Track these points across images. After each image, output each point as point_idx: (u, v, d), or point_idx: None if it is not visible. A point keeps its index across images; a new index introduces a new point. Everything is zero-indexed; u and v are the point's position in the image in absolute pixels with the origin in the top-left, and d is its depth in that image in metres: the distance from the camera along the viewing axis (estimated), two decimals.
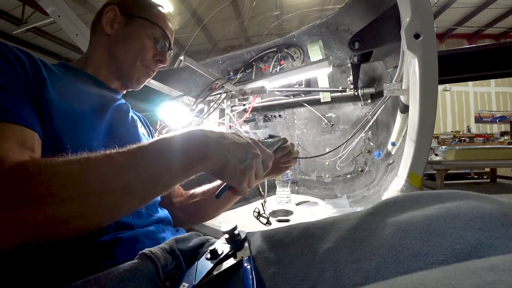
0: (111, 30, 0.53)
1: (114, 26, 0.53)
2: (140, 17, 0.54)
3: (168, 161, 0.33)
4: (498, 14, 5.53)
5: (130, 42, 0.54)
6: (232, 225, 0.41)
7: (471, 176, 3.66)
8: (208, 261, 0.37)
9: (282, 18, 3.37)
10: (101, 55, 0.54)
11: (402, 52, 0.73)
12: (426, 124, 0.65)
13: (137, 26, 0.54)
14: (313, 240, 0.34)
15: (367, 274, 0.26)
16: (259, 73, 1.52)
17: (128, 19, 0.54)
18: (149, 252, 0.34)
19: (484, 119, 6.91)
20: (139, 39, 0.54)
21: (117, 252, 0.35)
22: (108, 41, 0.54)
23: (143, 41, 0.54)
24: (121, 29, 0.54)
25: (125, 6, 0.55)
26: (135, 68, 0.55)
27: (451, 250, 0.22)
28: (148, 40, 0.55)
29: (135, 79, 0.57)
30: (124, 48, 0.54)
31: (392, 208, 0.30)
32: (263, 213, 0.91)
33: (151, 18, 0.55)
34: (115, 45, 0.54)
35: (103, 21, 0.53)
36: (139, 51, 0.54)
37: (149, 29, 0.55)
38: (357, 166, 1.38)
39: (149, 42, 0.55)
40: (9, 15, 4.52)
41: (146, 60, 0.56)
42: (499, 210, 0.24)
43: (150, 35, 0.55)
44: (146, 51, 0.55)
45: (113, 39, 0.54)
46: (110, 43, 0.54)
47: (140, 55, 0.55)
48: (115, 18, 0.54)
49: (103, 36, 0.54)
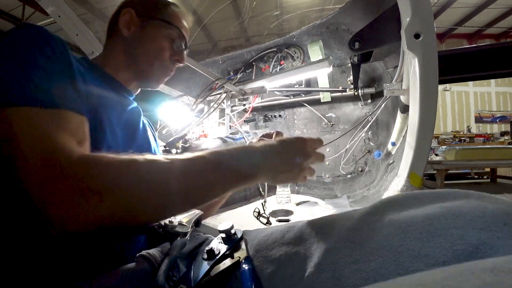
0: (128, 32, 0.54)
1: (131, 29, 0.54)
2: (156, 18, 0.55)
3: (222, 175, 0.35)
4: (498, 14, 5.52)
5: (147, 44, 0.54)
6: (229, 224, 0.41)
7: (471, 176, 3.65)
8: (205, 261, 0.37)
9: (282, 18, 3.36)
10: (120, 56, 0.54)
11: (402, 52, 0.73)
12: (426, 124, 0.65)
13: (153, 27, 0.55)
14: (312, 240, 0.33)
15: (366, 275, 0.26)
16: (259, 73, 1.52)
17: (144, 20, 0.55)
18: (147, 254, 0.34)
19: (484, 119, 6.90)
20: (156, 40, 0.55)
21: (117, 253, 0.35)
22: (126, 43, 0.54)
23: (160, 42, 0.55)
24: (138, 30, 0.54)
25: (141, 8, 0.55)
26: (153, 68, 0.56)
27: (452, 251, 0.22)
28: (165, 41, 0.55)
29: (155, 79, 0.58)
30: (142, 50, 0.54)
31: (392, 207, 0.30)
32: (263, 213, 0.90)
33: (166, 19, 0.56)
34: (133, 46, 0.54)
35: (120, 24, 0.54)
36: (157, 52, 0.55)
37: (165, 30, 0.55)
38: (357, 166, 1.38)
39: (166, 43, 0.56)
40: (9, 15, 4.52)
41: (164, 60, 0.56)
42: (501, 209, 0.23)
43: (166, 35, 0.55)
44: (163, 51, 0.56)
45: (130, 41, 0.54)
46: (128, 45, 0.54)
47: (158, 55, 0.55)
48: (132, 21, 0.54)
49: (120, 38, 0.54)
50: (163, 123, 1.24)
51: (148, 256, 0.34)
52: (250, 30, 4.06)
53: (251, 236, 0.41)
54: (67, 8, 0.98)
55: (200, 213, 0.45)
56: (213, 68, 1.60)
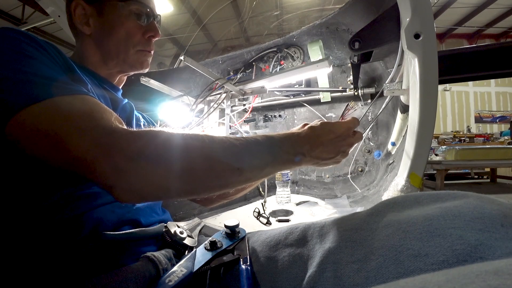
0: (89, 29, 0.49)
1: (90, 23, 0.49)
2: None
3: (273, 157, 0.38)
4: (498, 14, 5.52)
5: (113, 33, 0.49)
6: (235, 221, 0.42)
7: (471, 176, 3.65)
8: (207, 251, 0.37)
9: (282, 18, 3.36)
10: (93, 54, 0.51)
11: (401, 52, 0.73)
12: (426, 124, 0.65)
13: (110, 11, 0.49)
14: (314, 241, 0.34)
15: (367, 274, 0.26)
16: (259, 73, 1.52)
17: (98, 7, 0.49)
18: (151, 255, 0.34)
19: (484, 119, 6.90)
20: (120, 25, 0.49)
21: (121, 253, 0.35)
22: (93, 40, 0.50)
23: (125, 25, 0.50)
24: (98, 21, 0.49)
25: None
26: (131, 56, 0.52)
27: (451, 251, 0.22)
28: (129, 21, 0.50)
29: (138, 64, 0.54)
30: (111, 42, 0.50)
31: (392, 208, 0.30)
32: (263, 213, 0.91)
33: None
34: (101, 41, 0.50)
35: (76, 23, 0.49)
36: (126, 38, 0.50)
37: (124, 8, 0.49)
38: (357, 166, 1.38)
39: (131, 22, 0.50)
40: (9, 15, 4.51)
41: (138, 44, 0.52)
42: (499, 211, 0.24)
43: (128, 14, 0.50)
44: (133, 34, 0.51)
45: (96, 36, 0.50)
46: (95, 41, 0.50)
47: (129, 42, 0.51)
48: (86, 12, 0.49)
49: (85, 37, 0.50)
50: (163, 123, 1.24)
51: (153, 257, 0.34)
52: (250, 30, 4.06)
53: (254, 238, 0.42)
54: None
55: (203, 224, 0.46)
56: (213, 68, 1.61)
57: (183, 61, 0.88)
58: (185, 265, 0.34)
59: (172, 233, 0.41)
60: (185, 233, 0.42)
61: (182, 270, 0.33)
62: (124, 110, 0.51)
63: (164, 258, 0.36)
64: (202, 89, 1.17)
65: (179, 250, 0.41)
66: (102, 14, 0.49)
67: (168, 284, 0.31)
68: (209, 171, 0.32)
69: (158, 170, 0.29)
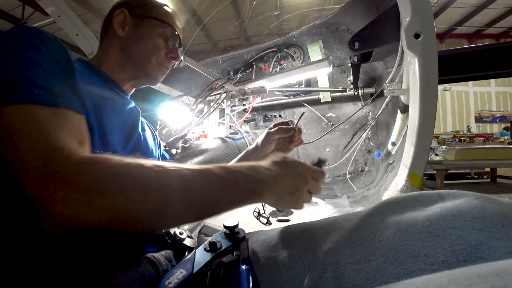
0: (122, 32, 0.54)
1: (125, 29, 0.54)
2: (150, 17, 0.55)
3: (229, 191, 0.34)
4: (498, 14, 5.52)
5: (142, 43, 0.55)
6: (234, 222, 0.42)
7: (471, 176, 3.65)
8: (207, 252, 0.37)
9: (282, 18, 3.36)
10: (116, 56, 0.55)
11: (401, 52, 0.73)
12: (426, 124, 0.65)
13: (147, 27, 0.55)
14: (314, 241, 0.34)
15: (367, 274, 0.26)
16: (259, 73, 1.52)
17: (138, 20, 0.55)
18: (151, 256, 0.34)
19: (484, 119, 6.90)
20: (151, 39, 0.55)
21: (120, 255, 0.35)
22: (121, 43, 0.55)
23: (155, 41, 0.55)
24: (133, 30, 0.55)
25: (134, 8, 0.56)
26: (150, 66, 0.56)
27: (451, 251, 0.22)
28: (160, 39, 0.56)
29: (152, 76, 0.59)
30: (137, 49, 0.55)
31: (392, 208, 0.30)
32: (263, 213, 0.91)
33: (160, 17, 0.56)
34: (128, 46, 0.55)
35: (114, 24, 0.54)
36: (152, 50, 0.55)
37: (159, 29, 0.56)
38: (357, 166, 1.38)
39: (161, 41, 0.56)
40: (9, 15, 4.51)
41: (160, 58, 0.57)
42: (499, 211, 0.24)
43: (161, 34, 0.56)
44: (158, 49, 0.56)
45: (126, 41, 0.54)
46: (123, 45, 0.55)
47: (154, 54, 0.56)
48: (125, 21, 0.54)
49: (115, 38, 0.55)
50: (163, 123, 1.24)
51: (153, 259, 0.34)
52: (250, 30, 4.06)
53: (253, 238, 0.42)
54: (67, 8, 0.98)
55: (203, 224, 0.45)
56: (213, 68, 1.61)
57: (183, 61, 0.88)
58: (185, 266, 0.34)
59: (172, 234, 0.40)
60: (184, 234, 0.42)
61: (182, 272, 0.33)
62: (130, 113, 0.53)
63: (164, 259, 0.36)
64: (202, 89, 1.17)
65: (179, 251, 0.41)
66: (139, 27, 0.55)
67: (168, 286, 0.30)
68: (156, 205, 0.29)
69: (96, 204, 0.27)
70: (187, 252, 0.40)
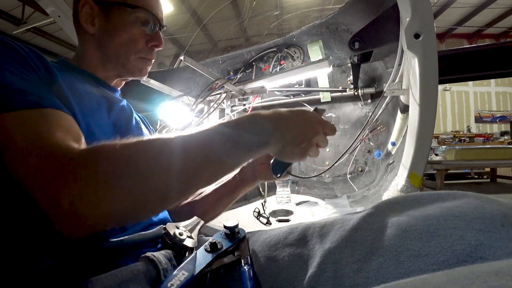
0: (93, 28, 0.48)
1: (95, 23, 0.48)
2: (117, 2, 0.48)
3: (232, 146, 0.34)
4: (498, 14, 5.52)
5: (116, 36, 0.49)
6: (234, 222, 0.42)
7: (471, 176, 3.65)
8: (208, 253, 0.37)
9: (282, 18, 3.36)
10: (93, 55, 0.50)
11: (401, 52, 0.73)
12: (426, 124, 0.65)
13: (118, 15, 0.48)
14: (314, 240, 0.34)
15: (367, 274, 0.26)
16: (259, 73, 1.52)
17: (105, 9, 0.48)
18: (151, 255, 0.34)
19: (484, 119, 6.91)
20: (124, 31, 0.49)
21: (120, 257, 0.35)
22: (95, 40, 0.49)
23: (129, 31, 0.49)
24: (103, 23, 0.49)
25: None
26: (130, 63, 0.51)
27: (451, 251, 0.22)
28: (134, 28, 0.49)
29: (137, 73, 0.54)
30: (113, 45, 0.49)
31: (392, 208, 0.30)
32: (263, 213, 0.91)
33: (129, 1, 0.48)
34: (103, 43, 0.49)
35: (82, 21, 0.49)
36: (129, 44, 0.49)
37: (131, 15, 0.48)
38: (357, 166, 1.38)
39: (136, 29, 0.49)
40: (9, 15, 4.51)
41: (140, 51, 0.51)
42: (499, 211, 0.24)
43: (134, 21, 0.49)
44: (135, 42, 0.50)
45: (99, 37, 0.49)
46: (97, 42, 0.49)
47: (131, 48, 0.50)
48: (92, 12, 0.48)
49: (88, 35, 0.49)
50: (163, 123, 1.24)
51: (153, 258, 0.34)
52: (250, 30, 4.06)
53: (254, 238, 0.42)
54: (67, 8, 0.98)
55: (202, 223, 0.45)
56: (213, 68, 1.61)
57: (183, 61, 0.88)
58: (187, 268, 0.34)
59: (172, 235, 0.40)
60: (184, 234, 0.42)
61: (184, 274, 0.33)
62: (123, 111, 0.51)
63: (164, 258, 0.36)
64: (202, 89, 1.17)
65: (179, 251, 0.41)
66: (109, 17, 0.48)
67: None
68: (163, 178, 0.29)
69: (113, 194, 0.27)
70: (188, 252, 0.40)
